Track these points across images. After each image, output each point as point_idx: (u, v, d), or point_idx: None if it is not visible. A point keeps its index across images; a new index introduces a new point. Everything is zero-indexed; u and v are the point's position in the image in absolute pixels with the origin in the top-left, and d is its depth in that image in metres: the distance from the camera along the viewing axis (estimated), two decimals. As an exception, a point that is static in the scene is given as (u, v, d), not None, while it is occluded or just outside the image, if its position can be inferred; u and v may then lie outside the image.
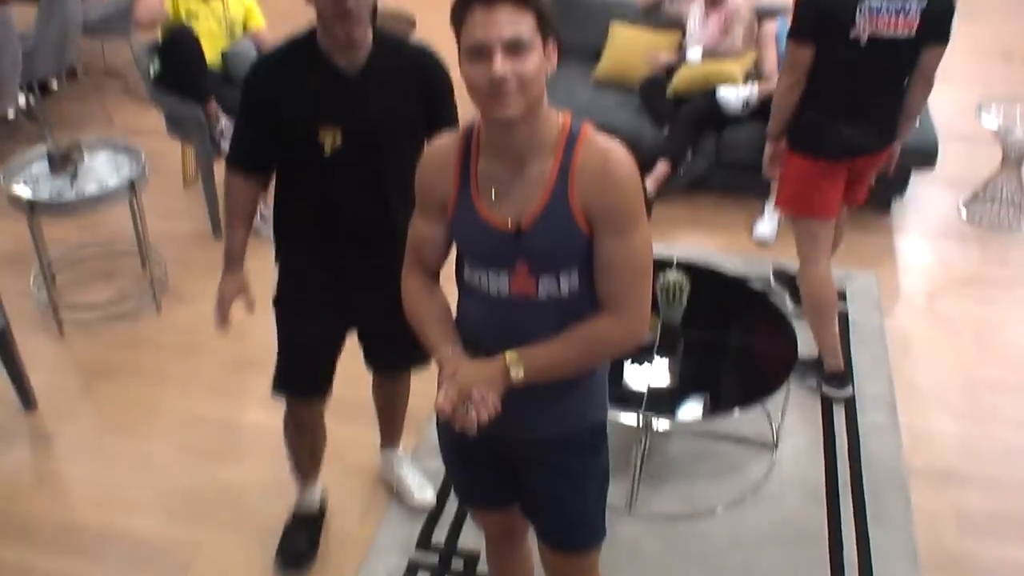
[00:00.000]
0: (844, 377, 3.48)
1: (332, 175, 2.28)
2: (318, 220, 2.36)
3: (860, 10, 2.93)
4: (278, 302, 2.53)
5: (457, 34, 1.67)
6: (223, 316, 2.48)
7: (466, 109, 1.79)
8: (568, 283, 1.78)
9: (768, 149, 3.38)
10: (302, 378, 2.61)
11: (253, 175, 2.38)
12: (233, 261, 2.47)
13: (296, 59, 2.25)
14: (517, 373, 1.75)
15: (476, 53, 1.62)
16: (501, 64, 1.60)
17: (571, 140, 1.74)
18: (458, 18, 1.66)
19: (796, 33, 3.06)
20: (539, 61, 1.65)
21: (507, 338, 1.80)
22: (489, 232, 1.77)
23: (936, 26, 3.01)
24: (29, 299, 3.95)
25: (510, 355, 1.75)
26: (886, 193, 4.68)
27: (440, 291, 1.95)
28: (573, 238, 1.74)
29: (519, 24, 1.62)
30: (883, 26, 2.96)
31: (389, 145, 2.30)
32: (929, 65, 3.14)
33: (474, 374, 1.75)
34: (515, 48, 1.61)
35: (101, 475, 3.16)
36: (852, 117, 3.13)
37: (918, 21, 2.96)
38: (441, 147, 1.84)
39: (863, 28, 2.96)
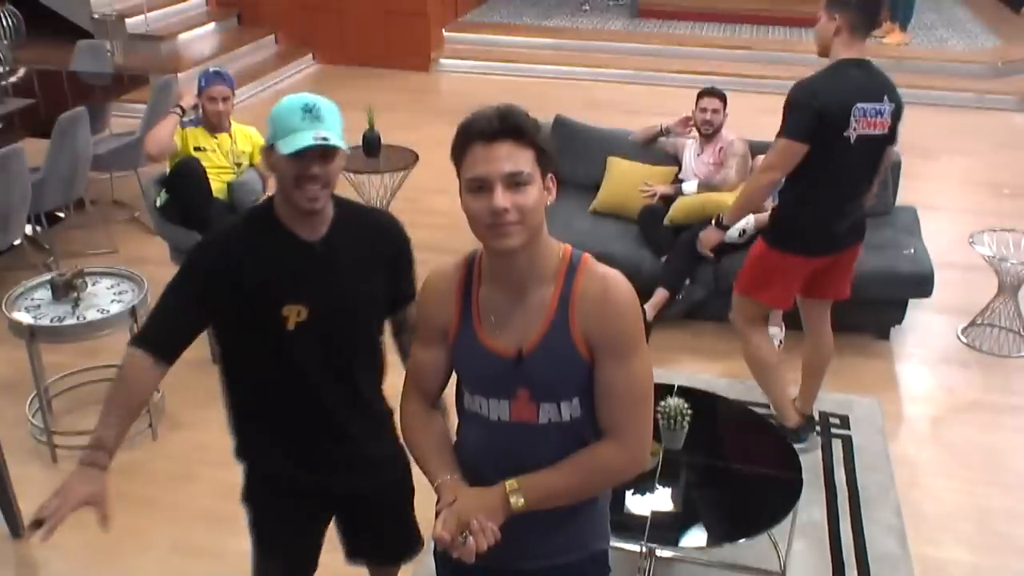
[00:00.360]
0: (803, 428, 3.77)
1: (293, 354, 2.08)
2: (280, 405, 2.15)
3: (854, 113, 3.17)
4: (246, 498, 2.32)
5: (458, 167, 1.72)
6: (52, 524, 1.92)
7: (465, 241, 1.82)
8: (569, 410, 1.77)
9: (714, 236, 3.63)
10: None
11: (162, 364, 2.04)
12: (99, 455, 2.05)
13: (253, 231, 2.08)
14: (517, 501, 1.72)
15: (477, 186, 1.67)
16: (501, 197, 1.64)
17: (571, 269, 1.77)
18: (458, 153, 1.71)
19: (792, 132, 3.23)
20: (538, 194, 1.69)
21: (507, 464, 1.77)
22: (490, 359, 1.77)
23: (896, 126, 3.34)
24: (24, 426, 3.91)
25: (510, 483, 1.73)
26: (884, 320, 4.70)
27: (439, 417, 1.93)
28: (574, 365, 1.74)
29: (518, 159, 1.67)
30: (868, 126, 3.23)
31: (356, 319, 2.15)
32: (888, 159, 3.51)
33: (473, 502, 1.73)
34: (515, 182, 1.66)
35: (87, 608, 3.05)
36: (842, 213, 3.37)
37: (889, 121, 3.28)
38: (443, 275, 1.86)
39: (855, 128, 3.19)
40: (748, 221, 4.59)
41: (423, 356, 1.89)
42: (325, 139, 1.93)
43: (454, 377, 1.92)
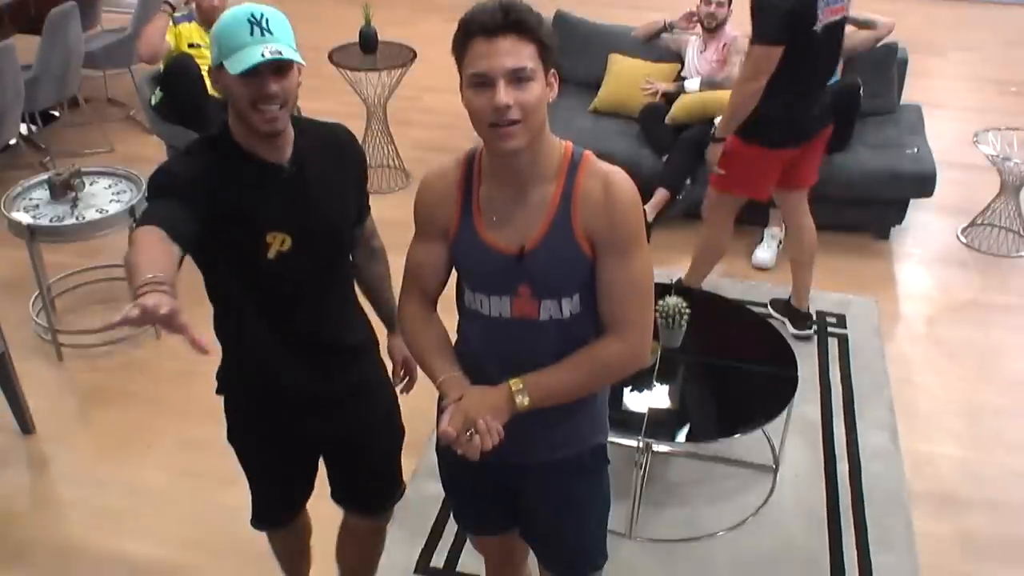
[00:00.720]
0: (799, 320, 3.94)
1: (274, 285, 1.95)
2: (256, 340, 2.02)
3: (819, 5, 3.23)
4: (231, 437, 2.23)
5: (459, 63, 1.68)
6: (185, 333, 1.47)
7: (466, 140, 1.80)
8: (570, 306, 1.79)
9: (717, 149, 3.58)
10: (275, 512, 2.38)
11: (171, 241, 1.66)
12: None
13: (216, 158, 1.86)
14: (522, 400, 1.74)
15: (479, 82, 1.64)
16: (504, 93, 1.61)
17: (573, 166, 1.75)
18: (460, 48, 1.67)
19: (766, 37, 3.25)
20: (541, 90, 1.66)
21: (509, 361, 1.79)
22: (492, 256, 1.77)
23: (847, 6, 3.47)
24: (28, 325, 3.95)
25: (515, 382, 1.75)
26: (884, 220, 4.70)
27: (438, 317, 1.94)
28: (576, 262, 1.75)
29: (521, 54, 1.63)
30: (831, 14, 3.30)
31: (339, 241, 2.05)
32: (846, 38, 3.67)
33: (479, 402, 1.74)
34: (517, 77, 1.63)
35: (98, 500, 3.14)
36: (814, 100, 3.47)
37: (845, 2, 3.39)
38: (442, 173, 1.84)
39: (821, 20, 3.25)
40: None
41: (423, 255, 1.89)
42: (278, 52, 1.74)
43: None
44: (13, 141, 5.07)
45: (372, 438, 2.26)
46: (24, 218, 3.58)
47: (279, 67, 1.78)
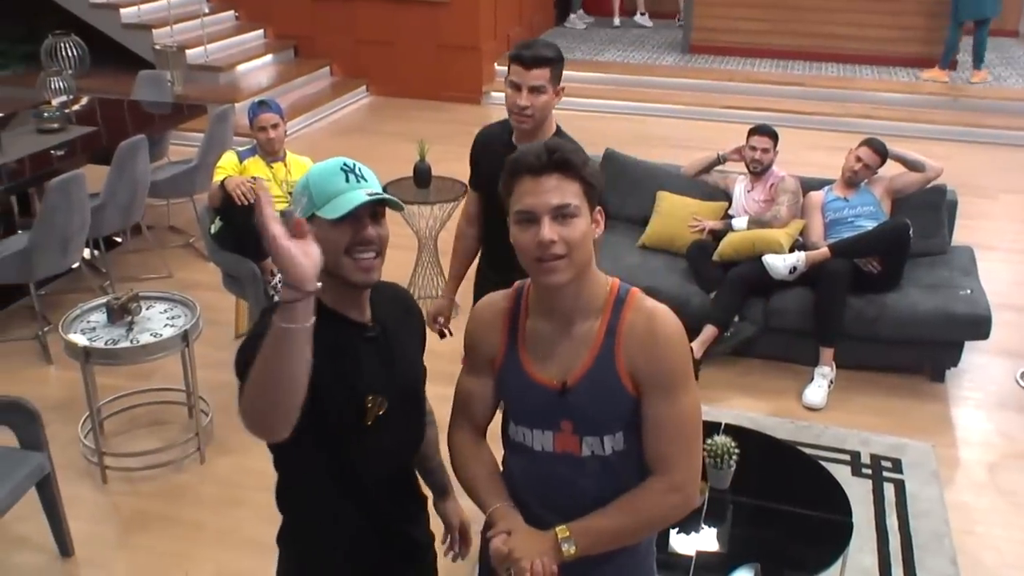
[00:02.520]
0: None
1: (368, 449, 1.86)
2: (337, 513, 1.92)
3: None
4: None
5: (506, 201, 1.74)
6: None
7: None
8: (612, 443, 1.77)
9: None
10: None
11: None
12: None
13: None
14: (568, 549, 1.72)
15: (525, 219, 1.69)
16: (548, 229, 1.65)
17: (619, 302, 1.77)
18: (507, 187, 1.73)
19: None
20: (585, 226, 1.70)
21: (549, 496, 1.78)
22: (535, 389, 1.77)
23: None
24: (76, 446, 3.98)
25: (561, 530, 1.73)
26: (939, 362, 4.61)
27: (487, 446, 1.93)
28: (619, 399, 1.73)
29: (565, 192, 1.68)
30: None
31: (421, 402, 2.01)
32: None
33: (526, 545, 1.72)
34: (562, 214, 1.67)
35: (130, 630, 3.08)
36: None
37: None
38: (491, 304, 1.87)
39: None
40: (799, 258, 4.55)
41: (471, 385, 1.90)
42: (377, 193, 1.74)
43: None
44: (76, 265, 5.24)
45: None
46: (80, 340, 3.65)
47: (375, 212, 1.76)
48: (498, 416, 1.97)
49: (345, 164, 1.78)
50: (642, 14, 11.63)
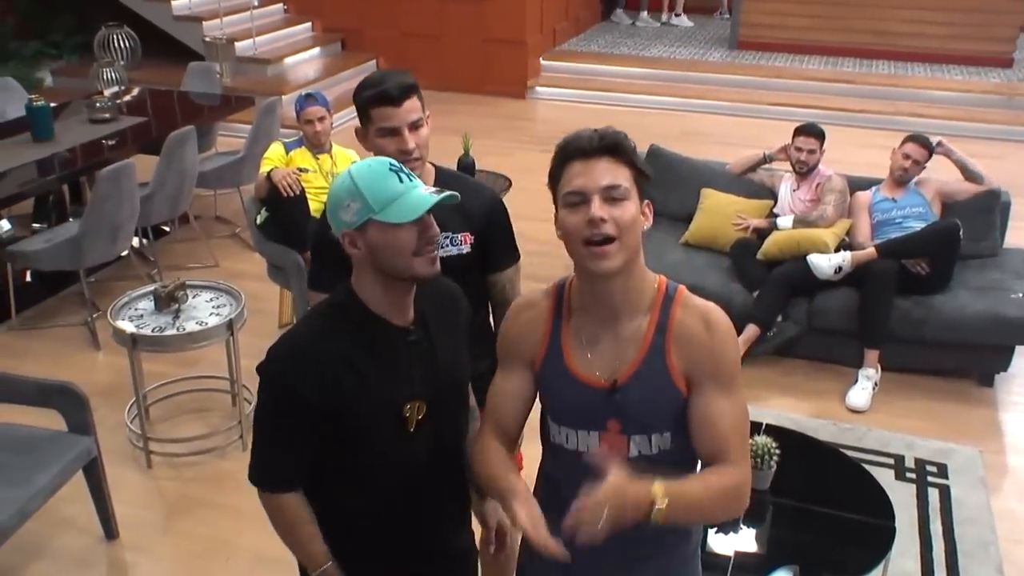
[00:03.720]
0: None
1: (411, 456, 1.85)
2: (380, 520, 1.90)
3: None
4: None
5: (554, 188, 1.71)
6: None
7: (557, 269, 1.81)
8: (659, 442, 1.75)
9: None
10: None
11: (301, 490, 1.88)
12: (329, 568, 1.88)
13: (343, 328, 1.78)
14: (660, 509, 1.59)
15: (575, 200, 1.66)
16: (599, 207, 1.63)
17: (667, 300, 1.75)
18: (557, 171, 1.71)
19: None
20: (635, 210, 1.68)
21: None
22: (581, 389, 1.75)
23: None
24: (123, 431, 4.05)
25: (658, 487, 1.60)
26: (988, 366, 4.52)
27: (510, 456, 1.87)
28: (669, 396, 1.72)
29: (616, 174, 1.66)
30: None
31: (465, 405, 1.99)
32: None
33: (623, 489, 1.58)
34: (612, 196, 1.65)
35: (172, 612, 3.13)
36: None
37: None
38: (530, 303, 1.84)
39: None
40: (845, 258, 4.49)
41: (506, 385, 1.85)
42: (440, 191, 1.74)
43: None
44: (125, 253, 5.33)
45: None
46: (128, 327, 3.72)
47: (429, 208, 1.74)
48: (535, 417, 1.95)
49: (391, 164, 1.76)
50: (677, 15, 11.48)
